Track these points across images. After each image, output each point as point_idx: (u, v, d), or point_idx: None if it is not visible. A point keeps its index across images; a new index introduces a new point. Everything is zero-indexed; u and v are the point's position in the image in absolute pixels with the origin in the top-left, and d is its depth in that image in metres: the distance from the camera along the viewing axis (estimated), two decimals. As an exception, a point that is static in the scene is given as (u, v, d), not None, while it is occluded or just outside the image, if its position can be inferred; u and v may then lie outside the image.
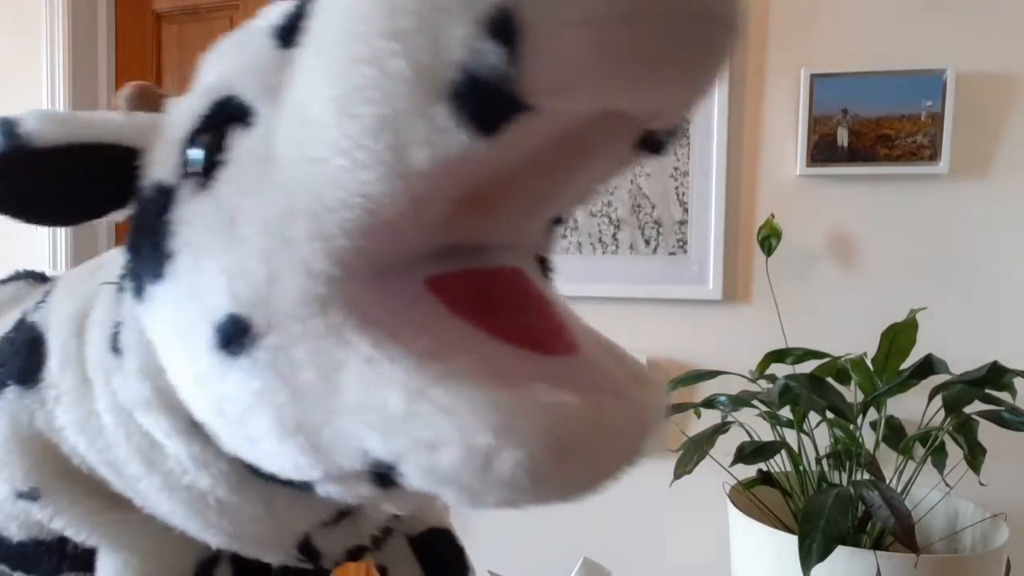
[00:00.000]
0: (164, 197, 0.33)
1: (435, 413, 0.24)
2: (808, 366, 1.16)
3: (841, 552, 0.87)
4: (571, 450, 0.24)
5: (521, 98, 0.22)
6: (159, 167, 0.34)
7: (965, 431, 0.97)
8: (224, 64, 0.33)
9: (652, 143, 0.28)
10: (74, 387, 0.39)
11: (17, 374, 0.42)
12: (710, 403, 1.10)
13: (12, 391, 0.41)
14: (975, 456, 0.94)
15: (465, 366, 0.25)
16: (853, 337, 1.30)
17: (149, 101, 0.44)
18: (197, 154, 0.31)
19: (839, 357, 1.13)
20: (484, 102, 0.22)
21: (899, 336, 1.03)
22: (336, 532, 0.44)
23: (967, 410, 0.98)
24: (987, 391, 0.96)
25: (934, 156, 1.24)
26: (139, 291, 0.34)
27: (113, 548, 0.41)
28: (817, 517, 0.84)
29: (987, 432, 0.98)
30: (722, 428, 1.03)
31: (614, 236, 1.40)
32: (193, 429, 0.35)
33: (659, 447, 1.39)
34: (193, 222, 0.31)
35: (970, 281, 1.27)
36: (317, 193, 0.25)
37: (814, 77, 1.28)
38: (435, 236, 0.28)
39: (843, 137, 1.28)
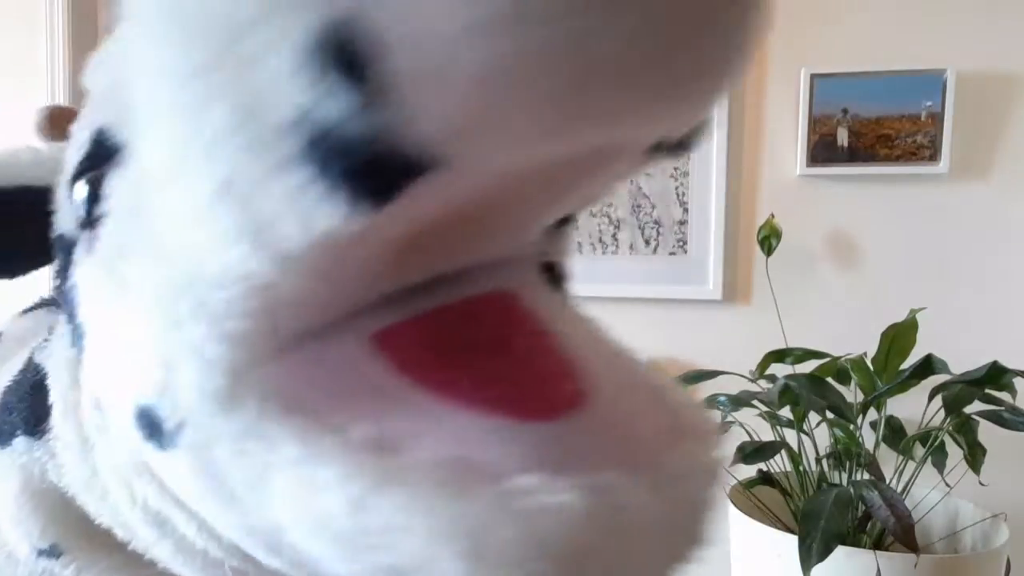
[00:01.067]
0: (66, 254, 0.28)
1: (387, 530, 0.18)
2: (808, 366, 1.16)
3: (841, 552, 0.87)
4: (576, 566, 0.18)
5: (408, 152, 0.15)
6: (61, 214, 0.29)
7: (965, 431, 0.97)
8: (103, 78, 0.26)
9: (670, 148, 0.21)
10: (75, 442, 0.34)
11: (24, 423, 0.37)
12: (710, 403, 1.10)
13: (21, 442, 0.37)
14: (975, 456, 0.94)
15: (419, 458, 0.19)
16: (853, 337, 1.30)
17: (62, 126, 0.38)
18: (80, 201, 0.25)
19: (839, 357, 1.13)
20: (349, 162, 0.15)
21: (899, 336, 1.03)
22: None
23: (967, 410, 0.98)
24: (987, 391, 0.96)
25: (934, 156, 1.24)
26: (80, 354, 0.28)
27: None
28: (817, 517, 0.84)
29: (987, 432, 0.98)
30: (722, 428, 1.03)
31: (614, 236, 1.40)
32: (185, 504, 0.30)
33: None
34: (88, 288, 0.26)
35: (970, 281, 1.27)
36: (193, 264, 0.19)
37: (814, 77, 1.28)
38: (378, 285, 0.21)
39: (843, 137, 1.28)
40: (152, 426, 0.23)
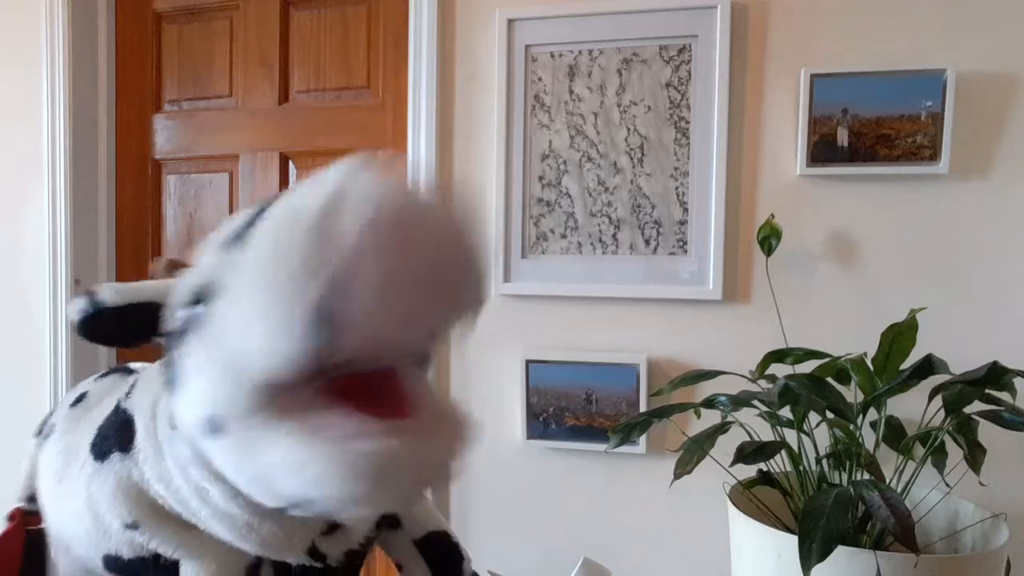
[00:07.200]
0: (179, 336, 0.54)
1: (306, 466, 0.46)
2: (808, 366, 1.15)
3: (841, 552, 0.87)
4: (371, 477, 0.46)
5: (338, 337, 0.45)
6: (176, 317, 0.55)
7: (965, 431, 0.96)
8: (210, 258, 0.54)
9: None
10: (153, 451, 0.61)
11: (117, 444, 0.64)
12: (710, 403, 1.10)
13: (116, 456, 0.63)
14: (975, 456, 0.93)
15: (328, 435, 0.47)
16: (853, 337, 1.30)
17: (174, 270, 0.65)
18: (192, 314, 0.52)
19: (839, 357, 1.13)
20: (322, 333, 0.44)
21: (899, 336, 1.03)
22: (332, 540, 0.65)
23: (967, 410, 0.98)
24: (987, 391, 0.96)
25: (934, 156, 1.24)
26: (172, 392, 0.55)
27: (191, 558, 0.61)
28: (817, 517, 0.84)
29: (987, 432, 0.98)
30: (722, 428, 1.03)
31: (614, 236, 1.40)
32: (221, 477, 0.56)
33: (659, 447, 1.39)
34: (191, 354, 0.52)
35: (970, 281, 1.27)
36: (240, 360, 0.47)
37: (814, 77, 1.28)
38: (323, 374, 0.48)
39: (843, 137, 1.28)
40: (214, 425, 0.50)
